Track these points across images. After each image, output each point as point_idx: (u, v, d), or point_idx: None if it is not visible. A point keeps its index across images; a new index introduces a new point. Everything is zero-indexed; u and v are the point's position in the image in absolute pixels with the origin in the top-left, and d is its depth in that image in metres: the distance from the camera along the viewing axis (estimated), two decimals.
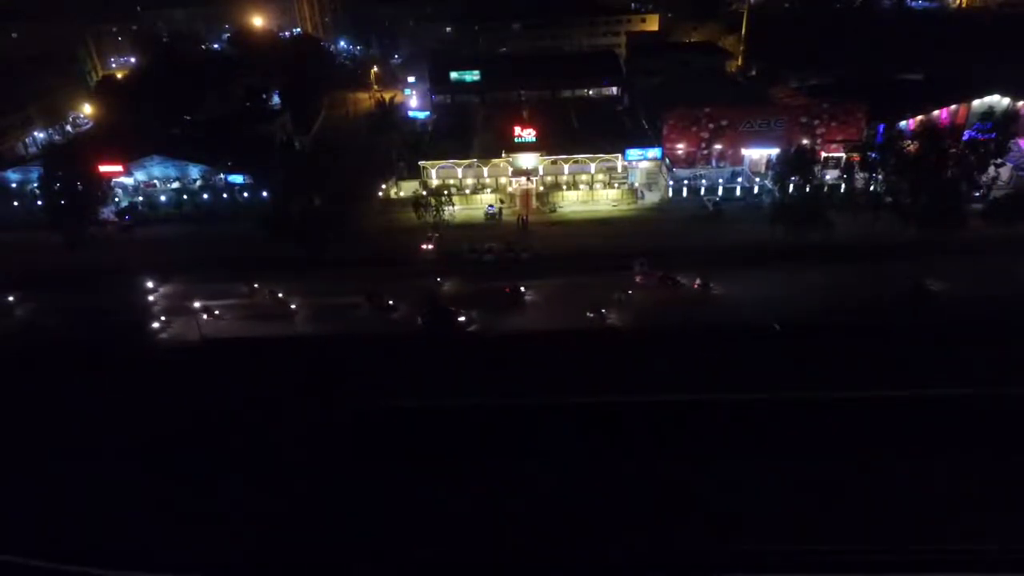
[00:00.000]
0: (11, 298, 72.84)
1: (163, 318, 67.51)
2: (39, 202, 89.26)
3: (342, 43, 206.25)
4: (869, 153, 79.77)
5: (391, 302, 67.45)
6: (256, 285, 71.84)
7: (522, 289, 68.00)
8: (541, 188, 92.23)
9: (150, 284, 73.57)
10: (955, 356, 54.31)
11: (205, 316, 66.94)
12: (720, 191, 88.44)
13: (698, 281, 68.10)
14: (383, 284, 70.08)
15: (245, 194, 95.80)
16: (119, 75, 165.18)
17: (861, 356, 55.61)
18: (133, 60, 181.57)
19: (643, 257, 69.39)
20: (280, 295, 70.32)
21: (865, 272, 67.69)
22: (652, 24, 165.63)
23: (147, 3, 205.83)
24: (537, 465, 46.94)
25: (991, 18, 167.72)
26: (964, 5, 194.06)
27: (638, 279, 68.60)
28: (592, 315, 63.58)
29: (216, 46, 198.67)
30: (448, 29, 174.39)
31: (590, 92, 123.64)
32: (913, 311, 61.01)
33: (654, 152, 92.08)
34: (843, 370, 53.93)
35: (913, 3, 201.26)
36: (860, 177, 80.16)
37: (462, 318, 64.17)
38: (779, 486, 43.99)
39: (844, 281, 66.26)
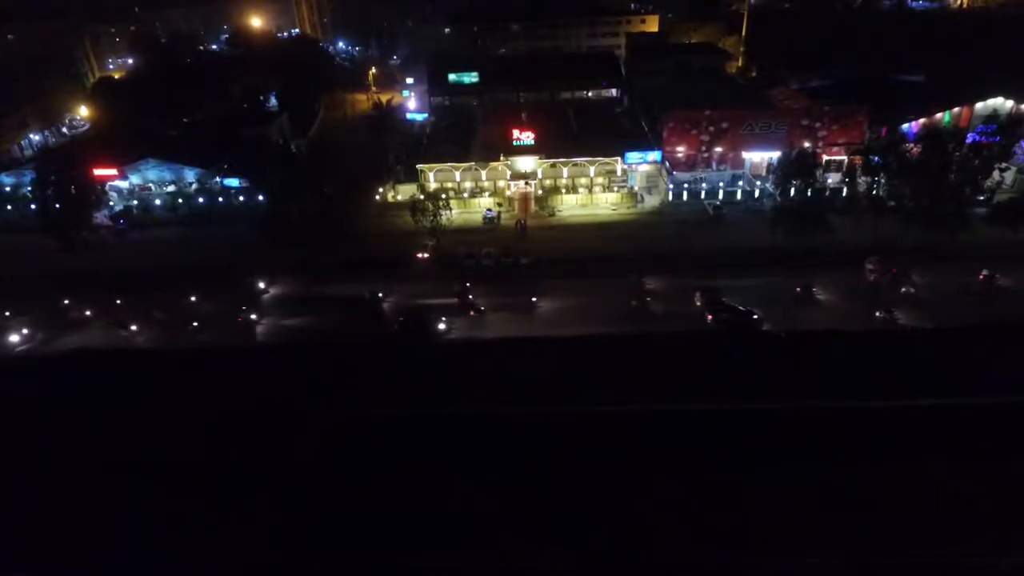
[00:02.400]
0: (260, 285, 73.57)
1: (443, 318, 65.28)
2: (32, 206, 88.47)
3: (340, 44, 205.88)
4: (871, 156, 79.05)
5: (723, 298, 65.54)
6: (468, 284, 69.53)
7: (813, 288, 66.42)
8: (540, 192, 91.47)
9: (261, 285, 73.31)
10: (966, 362, 53.29)
11: (473, 313, 66.39)
12: (720, 194, 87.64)
13: (984, 272, 65.33)
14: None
15: (241, 197, 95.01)
16: (116, 76, 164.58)
17: (867, 362, 54.52)
18: (130, 61, 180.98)
19: (876, 254, 67.84)
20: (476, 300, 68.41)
21: None
22: (652, 25, 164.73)
23: (145, 4, 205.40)
24: (543, 466, 45.47)
25: (993, 19, 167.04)
26: (966, 6, 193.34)
27: (872, 277, 67.03)
28: (881, 314, 61.59)
29: (214, 47, 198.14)
30: (447, 30, 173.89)
31: (589, 94, 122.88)
32: None
33: (654, 155, 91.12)
34: (847, 377, 52.70)
35: (914, 4, 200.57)
36: (862, 181, 79.38)
37: (756, 316, 62.07)
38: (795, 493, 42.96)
39: None
